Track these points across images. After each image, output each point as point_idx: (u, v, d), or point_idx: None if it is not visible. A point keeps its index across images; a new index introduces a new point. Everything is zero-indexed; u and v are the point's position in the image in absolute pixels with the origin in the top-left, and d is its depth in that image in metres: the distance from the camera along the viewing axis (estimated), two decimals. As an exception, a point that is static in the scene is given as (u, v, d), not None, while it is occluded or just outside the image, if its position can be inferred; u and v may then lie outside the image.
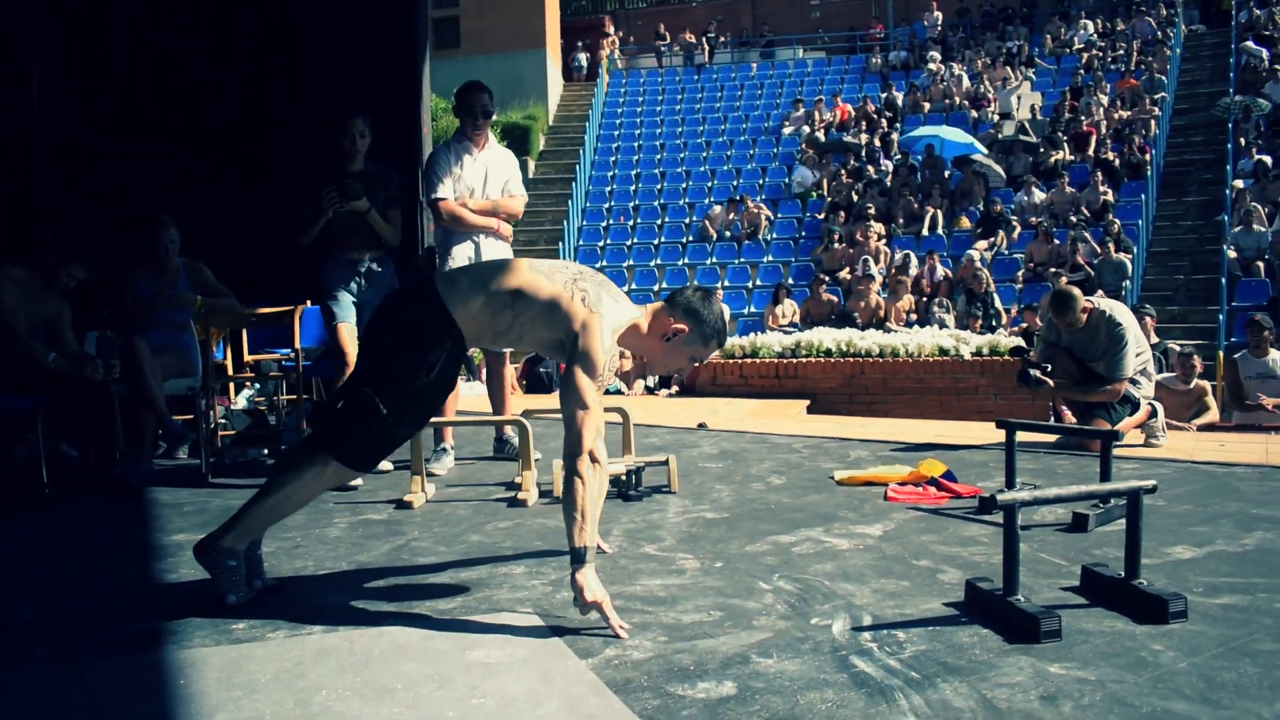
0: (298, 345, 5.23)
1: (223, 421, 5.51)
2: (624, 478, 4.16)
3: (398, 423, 2.77)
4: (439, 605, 2.82)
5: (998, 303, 12.93)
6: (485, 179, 4.94)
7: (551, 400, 8.78)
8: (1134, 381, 5.32)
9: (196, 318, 5.25)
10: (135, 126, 7.16)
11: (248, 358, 6.22)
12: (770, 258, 16.52)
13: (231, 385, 6.23)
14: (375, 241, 4.75)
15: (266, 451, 5.47)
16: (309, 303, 5.69)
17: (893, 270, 14.22)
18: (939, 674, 2.25)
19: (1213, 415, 7.40)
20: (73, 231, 5.98)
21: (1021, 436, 5.75)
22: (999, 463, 4.80)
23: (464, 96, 4.94)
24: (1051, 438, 5.35)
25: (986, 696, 2.14)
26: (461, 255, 4.89)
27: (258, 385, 6.44)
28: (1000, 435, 5.63)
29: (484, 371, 5.70)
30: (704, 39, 26.65)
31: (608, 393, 9.17)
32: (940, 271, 13.90)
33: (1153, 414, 5.32)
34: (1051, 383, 5.38)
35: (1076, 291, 5.37)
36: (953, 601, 2.77)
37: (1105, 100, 18.38)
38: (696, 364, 3.01)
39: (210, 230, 5.57)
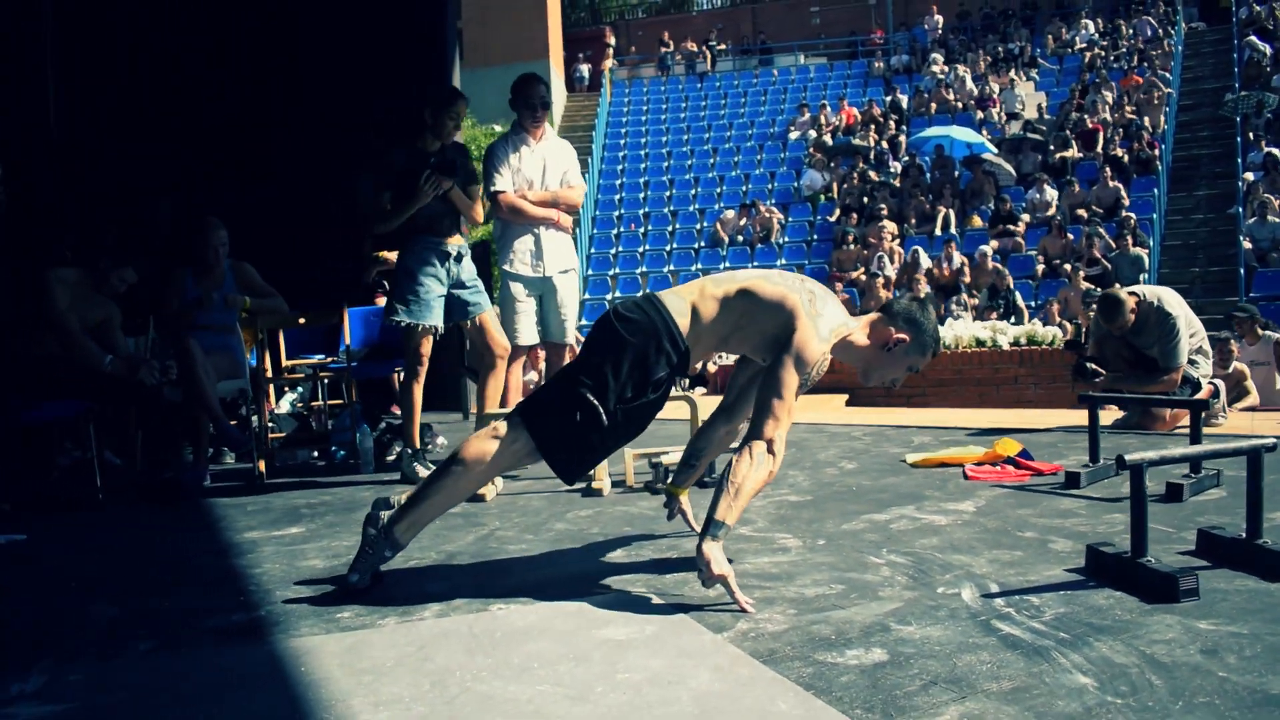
0: (348, 342, 5.17)
1: (270, 425, 5.44)
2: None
3: (615, 438, 2.72)
4: (546, 589, 2.75)
5: (1019, 300, 12.90)
6: (544, 170, 4.89)
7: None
8: (1192, 362, 5.27)
9: (244, 321, 5.19)
10: (135, 126, 7.11)
11: (285, 362, 6.16)
12: (783, 261, 16.47)
13: (273, 390, 6.16)
14: (459, 226, 4.69)
15: (316, 454, 5.41)
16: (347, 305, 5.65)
17: (906, 268, 14.17)
18: (1088, 634, 2.19)
19: (1253, 398, 7.35)
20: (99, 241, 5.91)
21: (1075, 419, 5.71)
22: (1067, 443, 4.75)
23: (520, 89, 4.89)
24: (1113, 415, 5.30)
25: (1146, 653, 2.07)
26: (522, 248, 4.82)
27: (300, 389, 6.37)
28: (1061, 419, 5.61)
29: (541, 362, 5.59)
30: (705, 48, 26.68)
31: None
32: (958, 259, 13.84)
33: (1215, 393, 5.27)
34: (1105, 373, 5.34)
35: (1123, 294, 5.28)
36: (1074, 568, 2.71)
37: (1110, 98, 18.39)
38: (913, 373, 2.95)
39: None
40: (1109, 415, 5.39)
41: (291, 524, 3.79)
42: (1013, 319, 12.31)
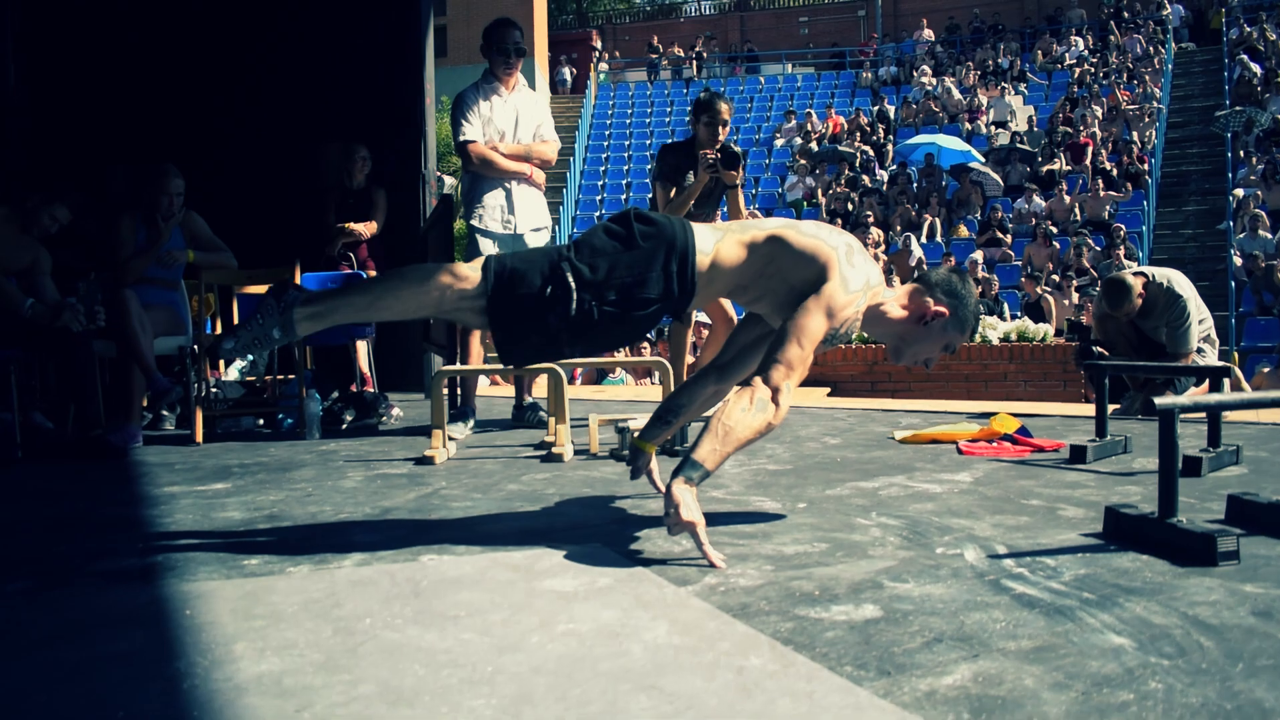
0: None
1: (215, 391, 5.06)
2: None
3: (570, 338, 2.33)
4: (488, 542, 2.40)
5: (1006, 310, 12.67)
6: (516, 122, 4.56)
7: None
8: (1199, 350, 4.97)
9: (193, 287, 4.85)
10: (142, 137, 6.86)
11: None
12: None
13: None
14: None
15: (262, 421, 5.04)
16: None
17: (898, 255, 13.89)
18: (1116, 595, 1.86)
19: (1248, 394, 7.07)
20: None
21: (1071, 410, 5.40)
22: (1067, 426, 4.44)
23: (493, 33, 4.56)
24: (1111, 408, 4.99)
25: (1188, 614, 1.75)
26: (493, 203, 4.49)
27: (250, 356, 5.98)
28: (1057, 409, 5.30)
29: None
30: (691, 54, 26.44)
31: (611, 385, 8.76)
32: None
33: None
34: (1109, 355, 5.03)
35: (1130, 278, 4.96)
36: (1091, 533, 2.38)
37: (1100, 113, 18.24)
38: (948, 354, 2.60)
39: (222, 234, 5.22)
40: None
41: (218, 480, 3.42)
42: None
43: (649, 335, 9.78)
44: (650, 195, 4.70)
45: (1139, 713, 1.34)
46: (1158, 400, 2.16)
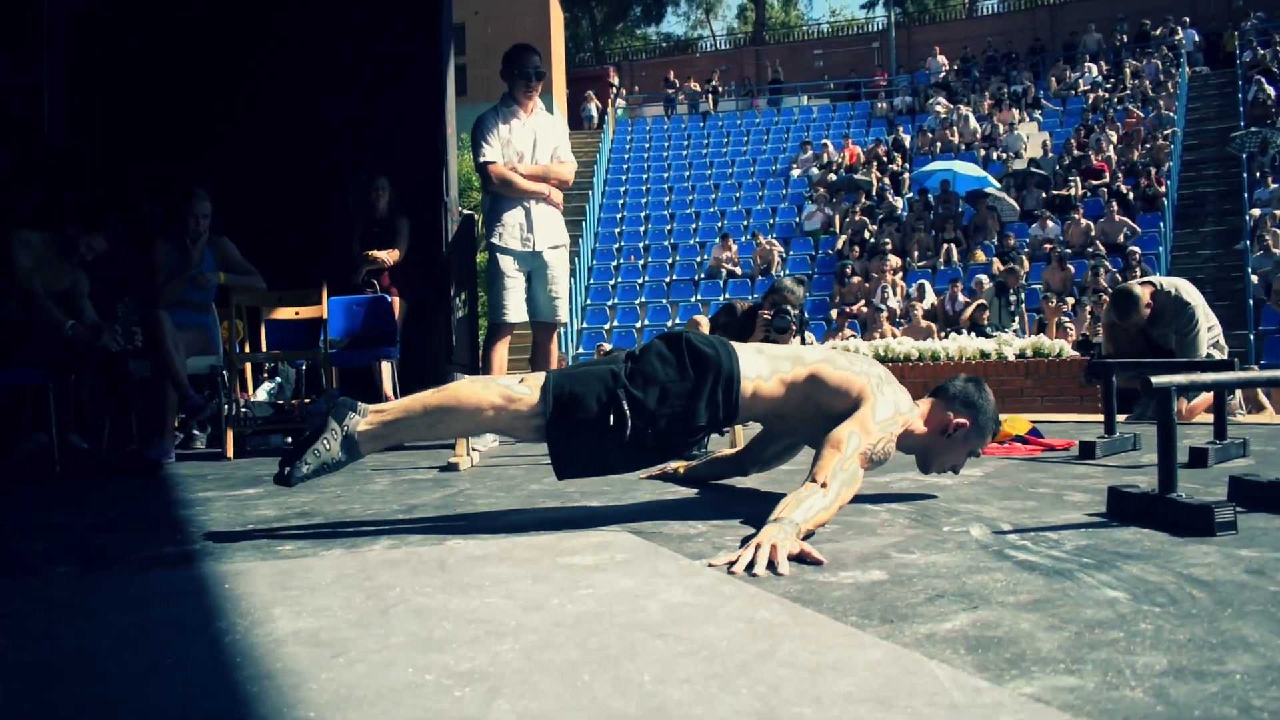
0: (324, 315, 4.93)
1: (244, 410, 5.19)
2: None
3: (622, 461, 2.56)
4: (511, 530, 2.49)
5: (1024, 308, 12.78)
6: (534, 144, 4.69)
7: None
8: (1209, 356, 5.03)
9: (223, 313, 5.00)
10: (135, 129, 7.02)
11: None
12: (784, 293, 16.25)
13: (250, 378, 5.91)
14: None
15: (290, 439, 5.15)
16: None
17: (910, 300, 13.94)
18: (1115, 559, 1.94)
19: (1269, 413, 7.09)
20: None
21: (1091, 417, 5.43)
22: (1080, 429, 4.50)
23: (513, 58, 4.70)
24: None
25: (1183, 573, 1.82)
26: (512, 222, 4.61)
27: (278, 380, 6.13)
28: (1073, 416, 5.35)
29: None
30: (708, 88, 26.73)
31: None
32: (961, 300, 13.57)
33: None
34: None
35: (1138, 288, 5.04)
36: (1095, 512, 2.46)
37: (1115, 137, 18.32)
38: (975, 457, 2.78)
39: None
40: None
41: (250, 487, 3.54)
42: (1016, 313, 12.22)
43: None
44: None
45: (1128, 646, 1.42)
46: (1154, 379, 2.24)
